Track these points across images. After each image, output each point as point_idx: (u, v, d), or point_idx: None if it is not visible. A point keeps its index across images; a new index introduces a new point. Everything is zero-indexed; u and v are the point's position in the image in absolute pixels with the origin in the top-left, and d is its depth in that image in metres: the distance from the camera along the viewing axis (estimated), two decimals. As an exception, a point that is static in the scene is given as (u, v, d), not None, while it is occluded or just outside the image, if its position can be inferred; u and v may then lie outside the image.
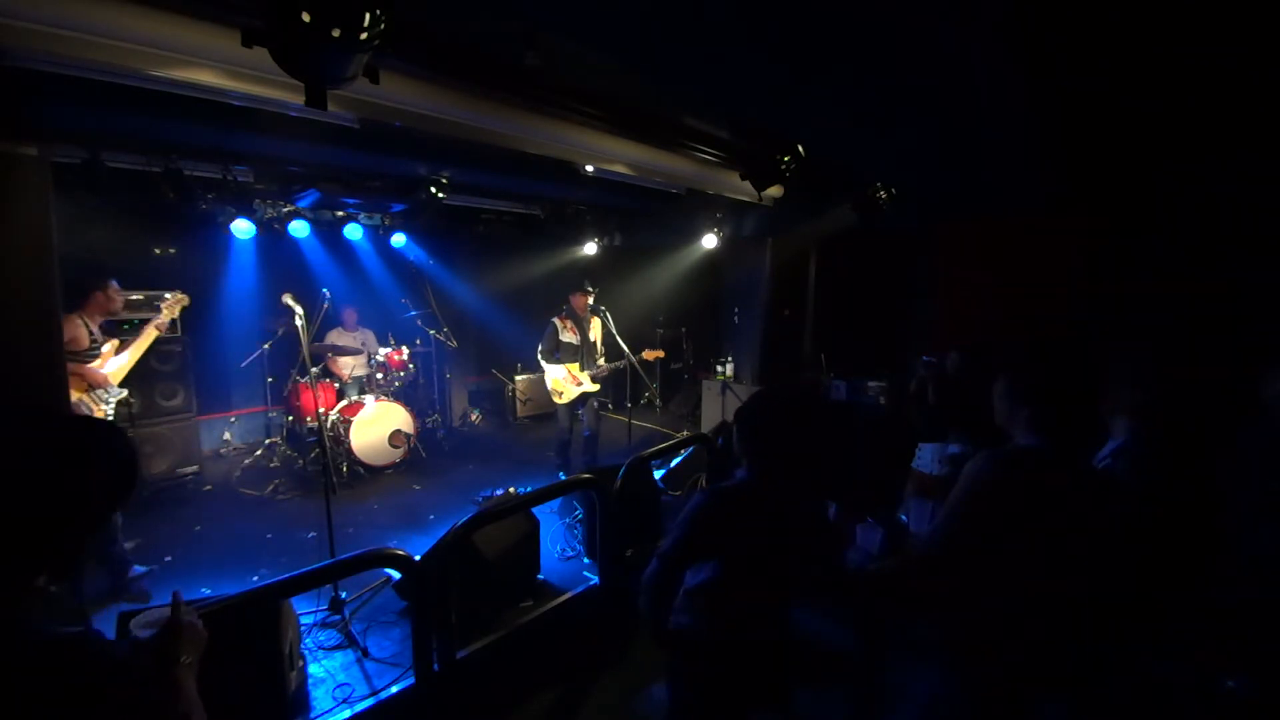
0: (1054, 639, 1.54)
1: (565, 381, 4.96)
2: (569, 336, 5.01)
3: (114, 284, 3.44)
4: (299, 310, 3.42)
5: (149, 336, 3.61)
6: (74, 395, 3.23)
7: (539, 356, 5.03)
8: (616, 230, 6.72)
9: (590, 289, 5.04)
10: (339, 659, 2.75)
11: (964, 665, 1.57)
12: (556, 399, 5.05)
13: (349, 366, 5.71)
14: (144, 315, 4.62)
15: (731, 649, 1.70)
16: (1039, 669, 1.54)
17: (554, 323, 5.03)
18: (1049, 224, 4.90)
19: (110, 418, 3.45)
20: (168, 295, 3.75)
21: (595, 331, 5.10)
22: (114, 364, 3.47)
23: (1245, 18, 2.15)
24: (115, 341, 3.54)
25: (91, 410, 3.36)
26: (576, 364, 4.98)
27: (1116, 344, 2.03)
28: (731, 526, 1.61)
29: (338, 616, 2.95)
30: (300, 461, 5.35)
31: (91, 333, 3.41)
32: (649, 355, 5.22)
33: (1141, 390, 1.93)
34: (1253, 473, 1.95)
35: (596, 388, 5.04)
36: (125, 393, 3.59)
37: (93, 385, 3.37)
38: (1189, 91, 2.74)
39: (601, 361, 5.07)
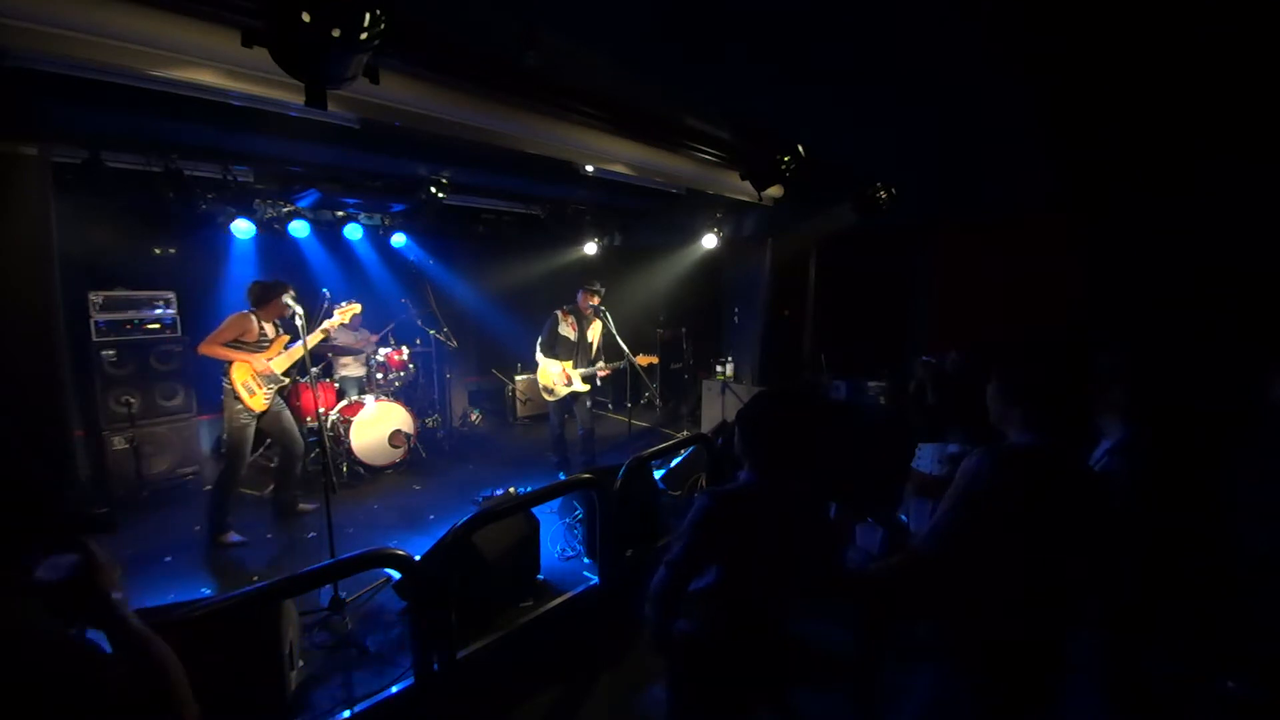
0: (1053, 638, 1.54)
1: (558, 378, 4.96)
2: (567, 332, 5.01)
3: (291, 292, 3.85)
4: (299, 310, 3.44)
5: (317, 336, 4.09)
6: (240, 376, 3.86)
7: (538, 349, 5.03)
8: (617, 230, 6.72)
9: (599, 289, 5.04)
10: (339, 659, 2.75)
11: (964, 665, 1.57)
12: (547, 396, 5.06)
13: (349, 363, 5.72)
14: (131, 316, 4.66)
15: (732, 649, 1.69)
16: (1038, 668, 1.54)
17: (555, 315, 5.05)
18: (1049, 224, 4.90)
19: (268, 399, 3.99)
20: (343, 304, 4.31)
21: (594, 333, 5.11)
22: (285, 353, 4.04)
23: (1245, 18, 2.15)
24: (286, 336, 4.11)
25: (250, 393, 3.88)
26: (570, 361, 4.98)
27: (1111, 343, 2.03)
28: (733, 527, 1.61)
29: (338, 616, 2.95)
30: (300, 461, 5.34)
31: (261, 328, 3.98)
32: (642, 360, 5.22)
33: (1135, 389, 1.92)
34: (1256, 474, 1.95)
35: (587, 388, 5.04)
36: (286, 380, 4.11)
37: (258, 372, 3.92)
38: (1189, 91, 2.74)
39: (601, 364, 5.07)
